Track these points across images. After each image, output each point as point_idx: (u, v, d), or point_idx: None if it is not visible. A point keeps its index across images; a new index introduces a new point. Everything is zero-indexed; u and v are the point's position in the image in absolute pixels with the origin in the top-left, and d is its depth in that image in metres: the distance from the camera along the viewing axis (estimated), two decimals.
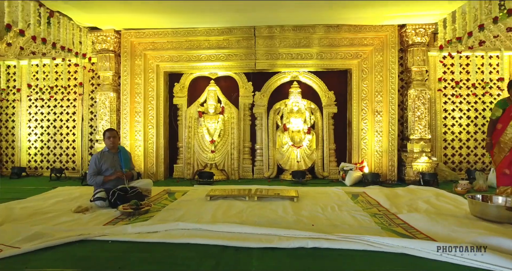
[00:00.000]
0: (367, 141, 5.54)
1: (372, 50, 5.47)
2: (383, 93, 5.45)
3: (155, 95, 5.75)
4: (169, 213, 3.45)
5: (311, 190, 4.71)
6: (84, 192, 4.57)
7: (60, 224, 3.10)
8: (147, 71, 5.74)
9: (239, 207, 3.70)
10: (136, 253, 2.41)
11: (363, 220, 3.18)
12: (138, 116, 5.69)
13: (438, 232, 2.70)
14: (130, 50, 5.69)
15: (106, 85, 5.79)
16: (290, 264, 2.19)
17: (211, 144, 5.85)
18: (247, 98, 5.97)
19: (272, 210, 3.55)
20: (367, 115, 5.54)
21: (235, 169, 5.92)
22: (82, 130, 6.34)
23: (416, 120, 5.41)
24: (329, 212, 3.51)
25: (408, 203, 3.89)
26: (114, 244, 2.59)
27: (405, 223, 3.08)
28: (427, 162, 5.26)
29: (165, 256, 2.34)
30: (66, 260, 2.30)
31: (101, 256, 2.37)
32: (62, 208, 3.74)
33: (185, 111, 6.04)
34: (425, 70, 5.60)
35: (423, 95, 5.40)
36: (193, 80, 6.11)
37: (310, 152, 5.84)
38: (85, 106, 6.33)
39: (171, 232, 2.74)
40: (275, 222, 3.07)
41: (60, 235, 2.71)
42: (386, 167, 5.45)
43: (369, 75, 5.50)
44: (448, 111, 5.92)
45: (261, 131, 5.98)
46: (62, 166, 6.37)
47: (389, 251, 2.33)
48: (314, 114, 5.95)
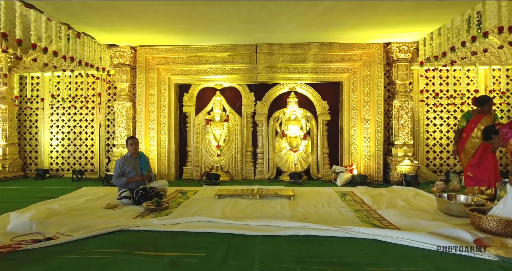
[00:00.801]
0: (357, 146, 6.20)
1: (360, 65, 6.13)
2: (370, 103, 6.11)
3: (167, 104, 6.40)
4: (185, 209, 4.11)
5: (306, 190, 5.37)
6: (107, 192, 5.23)
7: (97, 218, 3.75)
8: (160, 83, 6.40)
9: (244, 204, 4.36)
10: (165, 240, 3.06)
11: (347, 215, 3.84)
12: (152, 124, 6.35)
13: (404, 224, 3.36)
14: (144, 64, 6.35)
15: (122, 95, 6.45)
16: (285, 247, 2.84)
17: (217, 148, 6.50)
18: (249, 107, 6.63)
19: (271, 207, 4.20)
20: (357, 123, 6.20)
21: (239, 170, 6.58)
22: (99, 135, 6.99)
23: (400, 128, 6.07)
24: (320, 208, 4.17)
25: (388, 201, 4.54)
26: (146, 233, 3.25)
27: (381, 217, 3.74)
28: (409, 165, 5.92)
29: (188, 241, 3.00)
30: (111, 244, 2.94)
31: (137, 241, 3.02)
32: (93, 205, 4.41)
33: (194, 119, 6.70)
34: (409, 82, 6.27)
35: (406, 106, 6.06)
36: (200, 90, 6.77)
37: (306, 155, 6.50)
38: (102, 114, 6.98)
39: (190, 224, 3.41)
40: (274, 216, 3.73)
41: (101, 226, 3.37)
42: (373, 169, 6.11)
43: (358, 88, 6.16)
44: (430, 119, 6.59)
45: (262, 137, 6.64)
46: (81, 168, 7.02)
47: (362, 237, 2.99)
48: (310, 122, 6.61)
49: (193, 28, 5.17)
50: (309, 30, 5.32)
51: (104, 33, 5.53)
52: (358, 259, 2.57)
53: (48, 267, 2.48)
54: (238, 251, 2.77)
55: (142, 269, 2.42)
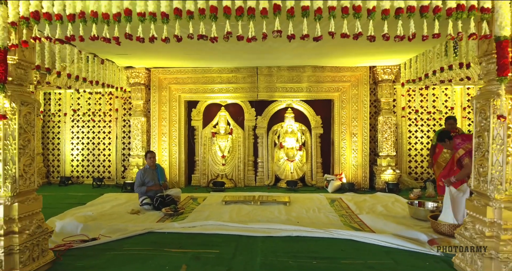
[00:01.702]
0: (346, 157, 7.00)
1: (349, 85, 6.93)
2: (358, 119, 6.91)
3: (177, 119, 7.20)
4: (198, 214, 4.90)
5: (300, 196, 6.17)
6: (128, 198, 6.01)
7: (127, 222, 4.54)
8: (171, 100, 7.19)
9: (247, 209, 5.15)
10: (186, 239, 3.85)
11: (333, 219, 4.64)
12: (164, 137, 7.14)
13: (377, 226, 4.16)
14: (157, 83, 7.14)
15: (138, 111, 7.24)
16: (281, 246, 3.63)
17: (222, 158, 7.30)
18: (250, 121, 7.42)
19: (270, 212, 5.00)
20: (346, 136, 6.99)
21: (241, 178, 7.38)
22: (116, 146, 7.78)
23: (384, 141, 6.87)
24: (311, 213, 4.96)
25: (370, 207, 5.34)
26: (169, 234, 4.04)
27: (361, 220, 4.54)
28: (392, 174, 6.72)
29: (205, 240, 3.79)
30: (144, 243, 3.73)
31: (164, 241, 3.81)
32: (119, 210, 5.19)
33: (201, 132, 7.50)
34: (392, 99, 7.08)
35: (390, 121, 6.86)
36: (207, 106, 7.56)
37: (301, 164, 7.30)
38: (118, 127, 7.77)
39: (205, 226, 4.21)
40: (272, 220, 4.52)
41: (132, 228, 4.16)
42: (360, 177, 6.91)
43: (347, 105, 6.96)
44: (412, 132, 7.39)
45: (262, 148, 7.44)
46: (99, 175, 7.81)
47: (341, 238, 3.79)
48: (305, 135, 7.41)
49: (202, 56, 5.97)
50: (303, 58, 6.13)
51: (124, 59, 6.32)
52: (336, 255, 3.36)
53: (100, 261, 3.26)
54: (244, 248, 3.56)
55: (172, 262, 3.21)
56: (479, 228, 2.76)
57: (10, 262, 2.75)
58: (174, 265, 3.12)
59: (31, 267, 2.88)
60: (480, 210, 2.78)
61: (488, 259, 2.64)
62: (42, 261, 3.02)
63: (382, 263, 3.16)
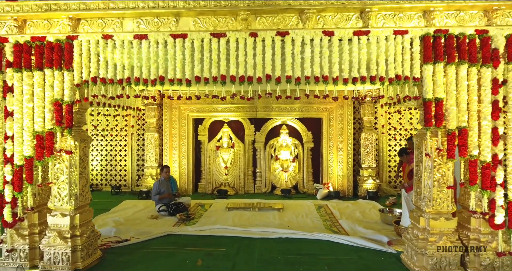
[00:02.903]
0: (333, 168, 8.03)
1: (336, 106, 7.96)
2: (343, 135, 7.94)
3: (186, 135, 8.23)
4: (207, 219, 5.92)
5: (292, 203, 7.19)
6: (145, 205, 7.03)
7: (149, 226, 5.56)
8: (181, 118, 8.22)
9: (247, 215, 6.18)
10: (199, 240, 4.88)
11: (317, 223, 5.67)
12: (175, 150, 8.17)
13: (351, 230, 5.19)
14: (169, 104, 8.16)
15: (151, 128, 8.27)
16: (274, 245, 4.65)
17: (225, 169, 8.33)
18: (250, 136, 8.45)
19: (266, 217, 6.02)
20: (333, 150, 8.03)
21: (242, 186, 8.40)
22: (131, 157, 8.81)
23: (366, 154, 7.91)
24: (300, 218, 5.99)
25: (349, 213, 6.36)
26: (184, 236, 5.06)
27: (339, 225, 5.56)
28: (372, 183, 7.76)
29: (213, 241, 4.81)
30: (166, 244, 4.76)
31: (181, 242, 4.83)
32: (141, 216, 6.22)
33: (206, 146, 8.52)
34: (374, 117, 8.11)
35: (371, 137, 7.90)
36: (212, 123, 8.59)
37: (294, 174, 8.33)
38: (133, 140, 8.80)
39: (213, 230, 5.23)
40: (268, 224, 5.54)
41: (155, 231, 5.18)
42: (345, 186, 7.95)
43: (334, 123, 7.99)
44: (391, 146, 8.42)
45: (260, 159, 8.47)
46: (116, 184, 8.84)
47: (321, 239, 4.82)
48: (297, 148, 8.44)
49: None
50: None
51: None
52: (315, 252, 4.39)
53: (134, 257, 4.29)
54: (245, 247, 4.58)
55: (190, 257, 4.23)
56: (415, 233, 3.80)
57: (75, 257, 3.78)
58: (192, 260, 4.15)
59: (88, 262, 3.91)
60: (416, 219, 3.82)
61: (421, 255, 3.68)
62: (94, 257, 4.05)
63: (349, 258, 4.19)
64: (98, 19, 3.71)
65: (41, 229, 3.97)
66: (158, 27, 3.68)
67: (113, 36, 3.68)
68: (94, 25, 3.72)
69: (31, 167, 3.71)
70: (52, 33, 3.73)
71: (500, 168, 3.46)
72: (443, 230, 3.64)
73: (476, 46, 3.48)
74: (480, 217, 3.59)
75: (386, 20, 3.55)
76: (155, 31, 3.67)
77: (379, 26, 3.55)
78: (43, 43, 3.70)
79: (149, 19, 3.69)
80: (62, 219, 3.80)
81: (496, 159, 3.46)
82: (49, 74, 3.69)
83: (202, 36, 3.60)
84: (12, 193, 3.71)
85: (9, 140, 3.72)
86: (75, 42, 3.69)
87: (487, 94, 3.46)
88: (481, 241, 3.59)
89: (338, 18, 3.57)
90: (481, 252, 3.55)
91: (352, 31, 3.53)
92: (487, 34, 3.46)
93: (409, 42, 3.53)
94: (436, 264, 3.58)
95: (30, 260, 3.84)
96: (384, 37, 3.53)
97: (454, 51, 3.47)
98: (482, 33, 3.47)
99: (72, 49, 3.68)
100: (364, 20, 3.55)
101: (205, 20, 3.65)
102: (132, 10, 3.57)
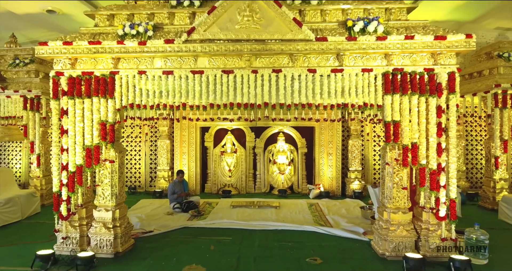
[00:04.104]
0: (324, 171, 9.12)
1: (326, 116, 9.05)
2: (333, 142, 9.03)
3: (194, 142, 9.31)
4: (215, 215, 7.00)
5: (288, 201, 8.28)
6: (160, 203, 8.10)
7: (167, 220, 6.65)
8: (190, 127, 9.30)
9: (248, 211, 7.26)
10: (209, 231, 5.96)
11: (308, 218, 6.75)
12: (184, 155, 9.26)
13: (333, 223, 6.27)
14: (179, 114, 9.24)
15: (163, 135, 9.36)
16: (271, 235, 5.73)
17: (229, 171, 9.41)
18: (251, 142, 9.53)
19: (265, 213, 7.10)
20: (324, 155, 9.11)
21: (244, 186, 9.49)
22: (145, 161, 9.89)
23: (353, 159, 9.00)
24: (293, 214, 7.07)
25: (336, 210, 7.44)
26: (198, 229, 6.14)
27: (326, 219, 6.65)
28: (358, 184, 8.85)
29: (221, 232, 5.89)
30: (183, 234, 5.84)
31: (196, 232, 5.91)
32: (158, 212, 7.30)
33: (212, 151, 9.61)
34: (361, 125, 9.20)
35: (357, 144, 8.99)
36: (217, 131, 9.67)
37: (290, 176, 9.41)
38: (147, 146, 9.88)
39: (221, 223, 6.32)
40: (266, 219, 6.62)
41: (173, 225, 6.26)
42: (335, 187, 9.03)
43: (325, 131, 9.08)
44: (376, 151, 9.51)
45: (260, 163, 9.55)
46: (131, 184, 9.91)
47: (309, 230, 5.90)
48: (293, 153, 9.52)
49: None
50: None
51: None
52: (304, 240, 5.47)
53: (159, 244, 5.36)
54: (247, 237, 5.67)
55: (204, 244, 5.30)
56: (380, 223, 4.88)
57: (115, 243, 4.86)
58: (206, 246, 5.23)
59: (125, 247, 4.99)
60: (381, 213, 4.91)
61: (384, 241, 4.75)
62: (129, 243, 5.13)
63: (330, 244, 5.27)
64: (134, 59, 4.79)
65: (88, 221, 5.05)
66: (181, 65, 4.76)
67: (146, 72, 4.76)
68: (131, 63, 4.81)
69: (81, 173, 4.80)
70: (98, 69, 4.81)
71: (443, 173, 4.54)
72: (401, 221, 4.72)
73: (424, 80, 4.55)
74: (429, 211, 4.67)
75: (356, 61, 4.63)
76: (178, 68, 4.75)
77: (351, 65, 4.63)
78: (91, 76, 4.78)
79: (174, 58, 4.77)
80: (106, 213, 4.88)
81: (440, 167, 4.53)
82: (96, 101, 4.76)
83: (215, 73, 4.69)
84: (67, 193, 4.79)
85: (65, 152, 4.80)
86: (116, 76, 4.77)
87: (433, 117, 4.53)
88: (430, 230, 4.67)
89: (319, 59, 4.66)
90: (429, 238, 4.63)
91: (330, 69, 4.61)
92: (433, 72, 4.54)
93: (373, 77, 4.62)
94: (395, 248, 4.66)
95: (80, 245, 4.92)
96: (355, 74, 4.61)
97: (408, 85, 4.55)
98: (429, 71, 4.54)
99: (114, 82, 4.76)
100: (339, 61, 4.64)
101: (217, 60, 4.73)
102: (161, 53, 4.65)
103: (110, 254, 4.78)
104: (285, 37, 4.56)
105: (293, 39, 4.55)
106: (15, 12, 8.10)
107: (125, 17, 5.17)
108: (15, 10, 8.03)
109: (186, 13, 5.09)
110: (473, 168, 9.37)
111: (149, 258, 4.79)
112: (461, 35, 4.42)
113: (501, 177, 7.49)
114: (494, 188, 7.50)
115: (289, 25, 4.56)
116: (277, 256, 4.84)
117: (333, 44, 4.50)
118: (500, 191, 7.41)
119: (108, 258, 4.76)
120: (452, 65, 4.56)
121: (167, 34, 4.87)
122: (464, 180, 9.03)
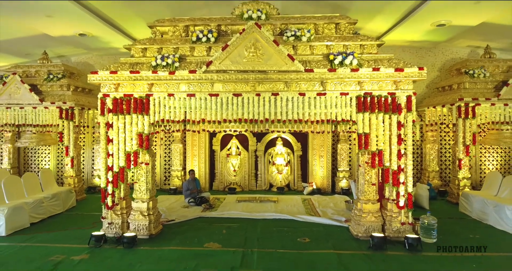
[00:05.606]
0: (316, 171, 10.51)
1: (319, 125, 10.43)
2: (324, 146, 10.43)
3: (203, 145, 10.70)
4: (223, 208, 8.39)
5: (285, 197, 9.67)
6: (176, 199, 9.49)
7: (184, 212, 8.03)
8: (200, 133, 10.68)
9: (251, 205, 8.65)
10: (221, 220, 7.34)
11: (301, 210, 8.14)
12: (195, 158, 10.65)
13: (321, 214, 7.67)
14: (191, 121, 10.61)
15: (177, 140, 10.75)
16: (271, 223, 7.12)
17: (233, 171, 10.80)
18: (253, 146, 10.92)
19: (265, 207, 8.49)
20: (316, 157, 10.51)
21: (247, 184, 10.88)
22: (160, 163, 11.28)
23: (341, 160, 10.40)
24: (289, 207, 8.46)
25: (325, 204, 8.83)
26: (211, 218, 7.53)
27: (316, 211, 8.04)
28: (346, 182, 10.25)
29: (230, 221, 7.27)
30: (200, 222, 7.22)
31: (210, 221, 7.29)
32: (175, 206, 8.68)
33: (219, 153, 11.00)
34: (348, 131, 10.60)
35: (345, 147, 10.39)
36: (223, 136, 11.05)
37: (287, 176, 10.81)
38: (161, 149, 11.27)
39: (230, 214, 7.71)
40: (266, 211, 8.00)
41: (191, 215, 7.65)
42: (326, 184, 10.43)
43: (317, 136, 10.47)
44: None
45: (260, 164, 10.94)
46: None
47: (302, 220, 7.30)
48: (289, 155, 10.92)
49: None
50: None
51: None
52: (297, 226, 6.85)
53: (183, 229, 6.74)
54: (251, 224, 7.05)
55: (217, 229, 6.68)
56: (355, 212, 6.28)
57: (150, 227, 6.24)
58: (219, 230, 6.62)
59: (156, 230, 6.37)
60: (356, 204, 6.30)
61: (358, 225, 6.15)
62: (159, 228, 6.52)
63: (318, 229, 6.66)
64: (164, 84, 6.17)
65: (127, 210, 6.43)
66: (201, 89, 6.14)
67: (174, 94, 6.14)
68: (162, 87, 6.19)
69: (123, 172, 6.18)
70: (136, 92, 6.19)
71: (402, 173, 5.92)
72: (370, 210, 6.12)
73: (388, 102, 5.93)
74: (392, 202, 6.07)
75: (336, 86, 6.02)
76: (199, 91, 6.13)
77: (332, 90, 6.01)
78: (131, 98, 6.16)
79: (195, 84, 6.15)
80: (142, 204, 6.27)
81: (400, 168, 5.92)
82: (134, 117, 6.15)
83: (227, 95, 6.07)
84: (112, 188, 6.17)
85: (110, 156, 6.19)
86: (151, 98, 6.15)
87: (395, 130, 5.92)
88: (393, 216, 6.05)
89: (307, 85, 6.04)
90: (392, 223, 6.02)
91: (316, 93, 6.00)
92: (395, 95, 5.92)
93: (349, 99, 6.00)
94: (366, 230, 6.05)
95: (121, 229, 6.30)
96: (335, 96, 6.00)
97: (375, 105, 5.93)
98: (392, 94, 5.93)
99: (149, 102, 6.15)
100: (323, 86, 6.02)
101: (229, 86, 6.11)
102: (186, 80, 6.03)
103: (146, 235, 6.17)
104: (281, 68, 5.95)
105: (288, 70, 5.94)
106: (51, 35, 9.45)
107: (156, 50, 6.56)
108: (51, 33, 9.37)
109: (204, 47, 6.48)
110: (446, 168, 10.78)
111: (176, 238, 6.17)
112: (415, 68, 5.81)
113: (464, 176, 8.89)
114: (458, 185, 8.90)
115: (284, 60, 5.94)
116: (275, 237, 6.23)
117: (318, 74, 5.89)
118: (463, 188, 8.80)
119: (144, 238, 6.15)
120: (409, 90, 5.94)
121: (190, 65, 6.27)
122: (437, 178, 10.42)
